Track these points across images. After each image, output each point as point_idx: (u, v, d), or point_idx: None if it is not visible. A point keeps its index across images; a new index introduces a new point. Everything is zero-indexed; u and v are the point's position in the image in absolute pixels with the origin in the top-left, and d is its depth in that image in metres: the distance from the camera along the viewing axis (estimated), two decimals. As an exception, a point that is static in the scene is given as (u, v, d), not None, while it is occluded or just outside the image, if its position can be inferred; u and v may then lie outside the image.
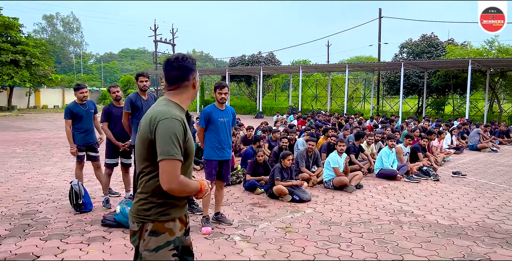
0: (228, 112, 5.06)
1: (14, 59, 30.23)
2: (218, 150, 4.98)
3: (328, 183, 7.34)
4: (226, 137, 5.02)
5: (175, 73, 2.22)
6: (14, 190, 6.77)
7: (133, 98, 5.52)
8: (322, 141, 10.09)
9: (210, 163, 5.01)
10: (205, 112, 4.99)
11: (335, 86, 35.76)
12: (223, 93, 4.92)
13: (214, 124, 4.95)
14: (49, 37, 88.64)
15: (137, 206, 2.13)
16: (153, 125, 2.05)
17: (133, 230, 2.16)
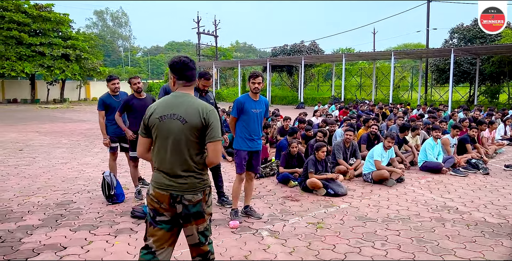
0: (261, 103, 4.89)
1: (65, 53, 31.58)
2: (248, 140, 4.84)
3: (367, 176, 7.00)
4: (257, 128, 4.86)
5: (192, 73, 2.70)
6: (54, 180, 6.96)
7: (167, 88, 5.47)
8: (362, 132, 9.68)
9: (239, 153, 4.87)
10: (238, 102, 4.83)
11: (380, 74, 34.57)
12: (257, 83, 4.75)
13: (246, 115, 4.80)
14: (100, 31, 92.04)
15: (193, 181, 2.59)
16: (205, 114, 2.54)
17: (196, 200, 2.59)
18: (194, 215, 2.60)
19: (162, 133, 2.57)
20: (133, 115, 5.74)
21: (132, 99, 5.72)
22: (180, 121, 2.54)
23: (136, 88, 5.73)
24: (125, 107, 5.70)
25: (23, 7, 31.09)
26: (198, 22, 43.80)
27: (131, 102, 5.69)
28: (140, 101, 5.69)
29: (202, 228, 2.67)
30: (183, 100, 2.60)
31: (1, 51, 28.77)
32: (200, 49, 47.35)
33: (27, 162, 8.58)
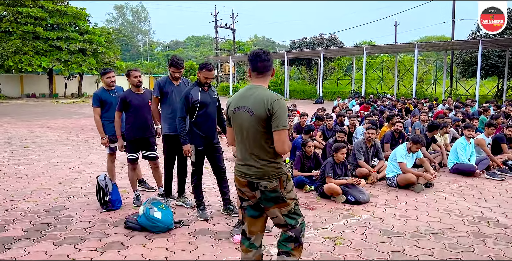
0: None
1: (82, 48, 31.45)
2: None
3: (391, 180, 6.29)
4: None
5: (264, 64, 2.74)
6: (51, 182, 6.48)
7: (162, 83, 4.89)
8: (385, 129, 8.95)
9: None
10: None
11: (403, 68, 33.39)
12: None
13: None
14: (120, 26, 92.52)
15: (266, 169, 2.69)
16: (270, 105, 2.59)
17: (272, 187, 2.69)
18: (273, 200, 2.72)
19: (236, 124, 2.77)
20: (132, 114, 5.15)
21: (129, 95, 5.15)
22: (249, 113, 2.67)
23: (137, 82, 5.15)
24: (123, 105, 5.14)
25: (40, 1, 31.04)
26: (216, 15, 43.25)
27: (128, 99, 5.12)
28: (139, 97, 5.12)
29: (285, 211, 2.77)
30: (253, 92, 2.72)
31: (18, 45, 28.80)
32: (218, 43, 46.81)
33: (28, 161, 8.15)
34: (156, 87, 4.90)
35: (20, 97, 33.94)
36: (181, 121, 4.55)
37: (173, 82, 4.95)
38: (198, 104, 4.52)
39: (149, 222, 4.27)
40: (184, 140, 4.56)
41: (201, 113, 4.55)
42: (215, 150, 4.72)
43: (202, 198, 4.83)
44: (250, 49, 52.96)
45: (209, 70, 4.53)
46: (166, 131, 4.91)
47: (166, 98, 4.90)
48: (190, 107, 4.53)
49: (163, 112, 4.98)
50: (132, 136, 5.18)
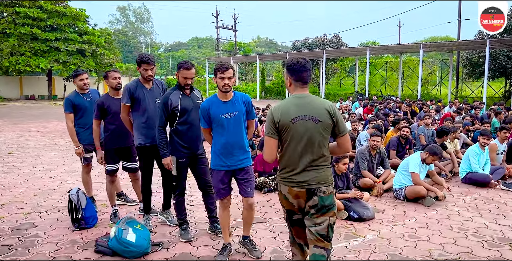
0: (236, 103, 3.67)
1: (80, 49, 31.00)
2: (225, 156, 3.65)
3: (398, 192, 5.71)
4: (236, 138, 3.65)
5: (309, 74, 2.79)
6: (26, 193, 5.95)
7: (132, 87, 4.31)
8: (390, 135, 8.36)
9: (214, 174, 3.72)
10: (203, 109, 3.68)
11: (407, 69, 32.75)
12: (227, 77, 3.54)
13: (216, 123, 3.64)
14: (122, 28, 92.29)
15: (325, 174, 2.77)
16: (333, 112, 2.71)
17: (329, 192, 2.77)
18: (328, 207, 2.75)
19: (297, 133, 2.71)
20: (111, 121, 4.60)
21: (106, 100, 4.59)
22: (313, 121, 2.69)
23: (116, 84, 4.59)
24: (100, 112, 4.58)
25: (38, 2, 30.62)
26: (217, 16, 42.76)
27: (106, 105, 4.56)
28: (118, 102, 4.54)
29: (332, 221, 2.79)
30: (309, 101, 2.74)
31: (14, 46, 28.36)
32: (219, 44, 46.30)
33: (8, 169, 7.62)
34: (125, 93, 4.27)
35: (19, 99, 33.54)
36: (160, 131, 3.99)
37: (145, 85, 4.36)
38: (178, 110, 3.97)
39: (121, 246, 3.72)
40: (164, 152, 4.01)
41: (182, 120, 4.00)
42: (200, 161, 4.17)
43: (185, 216, 4.27)
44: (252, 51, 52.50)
45: (188, 68, 3.97)
46: (141, 142, 4.33)
47: (139, 105, 4.31)
48: (170, 114, 3.98)
49: (136, 121, 4.37)
50: (112, 145, 4.63)
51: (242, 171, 3.70)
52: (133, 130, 4.40)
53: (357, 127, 8.34)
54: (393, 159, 7.40)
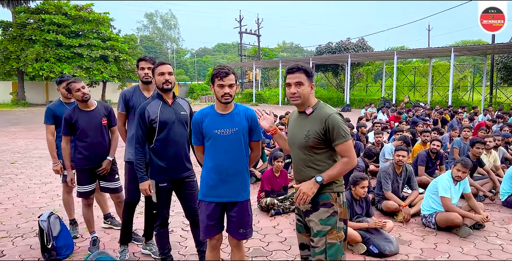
0: (236, 118, 2.93)
1: (103, 54, 31.08)
2: (215, 184, 2.91)
3: (428, 219, 4.87)
4: (231, 161, 2.91)
5: None
6: (10, 212, 5.42)
7: (128, 94, 3.72)
8: (419, 148, 7.49)
9: (202, 206, 2.98)
10: (194, 122, 2.97)
11: (437, 74, 31.32)
12: (227, 85, 2.83)
13: (209, 140, 2.92)
14: (150, 34, 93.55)
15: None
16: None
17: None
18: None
19: None
20: (80, 137, 3.96)
21: (74, 113, 3.96)
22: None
23: (81, 97, 3.95)
24: (68, 127, 3.97)
25: (63, 9, 30.94)
26: (240, 21, 42.37)
27: (73, 119, 3.94)
28: (87, 116, 3.93)
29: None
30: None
31: (39, 53, 28.65)
32: (243, 49, 45.87)
33: (3, 181, 7.16)
34: (120, 100, 3.72)
35: (44, 105, 33.87)
36: (138, 150, 3.33)
37: (144, 93, 3.75)
38: (157, 124, 3.30)
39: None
40: (141, 176, 3.35)
41: (162, 136, 3.32)
42: (187, 186, 3.47)
43: (168, 250, 3.59)
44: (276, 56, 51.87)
45: (163, 63, 3.37)
46: (130, 157, 3.69)
47: (133, 114, 3.69)
48: (149, 128, 3.32)
49: (129, 133, 3.79)
50: (83, 165, 4.00)
51: (235, 207, 2.94)
52: (126, 142, 3.80)
53: (380, 139, 7.49)
54: (422, 176, 6.54)
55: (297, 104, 2.69)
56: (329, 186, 2.62)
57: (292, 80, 2.62)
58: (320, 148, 2.61)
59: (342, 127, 2.54)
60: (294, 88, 2.62)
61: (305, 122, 2.66)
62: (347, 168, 2.59)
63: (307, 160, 2.66)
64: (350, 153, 2.55)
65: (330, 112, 2.57)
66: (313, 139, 2.59)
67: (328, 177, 2.56)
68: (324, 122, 2.55)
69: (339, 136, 2.53)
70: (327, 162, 2.62)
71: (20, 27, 29.98)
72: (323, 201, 2.62)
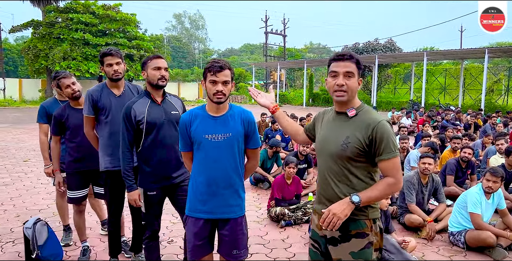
0: (230, 122, 2.53)
1: (129, 53, 31.27)
2: (203, 197, 2.51)
3: (456, 237, 4.33)
4: (223, 171, 2.50)
5: None
6: (8, 214, 5.19)
7: (95, 94, 3.33)
8: (447, 155, 6.90)
9: (189, 223, 2.58)
10: (182, 123, 2.56)
11: (469, 76, 30.05)
12: (220, 82, 2.42)
13: (198, 146, 2.51)
14: (178, 34, 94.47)
15: None
16: None
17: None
18: None
19: None
20: (70, 138, 3.67)
21: (64, 111, 3.66)
22: None
23: (71, 94, 3.64)
24: (58, 126, 3.67)
25: (91, 8, 31.34)
26: (266, 21, 41.98)
27: (63, 117, 3.64)
28: (78, 114, 3.61)
29: None
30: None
31: (66, 51, 29.06)
32: (268, 49, 45.48)
33: (12, 180, 7.01)
34: (86, 102, 3.30)
35: (71, 102, 34.48)
36: (126, 155, 2.96)
37: (113, 90, 3.37)
38: (144, 125, 2.94)
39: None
40: (130, 184, 2.99)
41: (150, 139, 2.96)
42: (180, 190, 3.08)
43: (158, 266, 3.22)
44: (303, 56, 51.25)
45: (158, 57, 3.02)
46: (107, 166, 3.33)
47: (104, 116, 3.33)
48: (136, 130, 2.96)
49: (100, 137, 3.40)
50: (73, 168, 3.69)
51: (228, 224, 2.53)
52: (98, 150, 3.43)
53: (406, 145, 6.93)
54: (451, 186, 5.98)
55: (340, 102, 2.15)
56: (363, 212, 2.11)
57: (342, 69, 2.10)
58: (358, 160, 2.09)
59: (392, 139, 2.05)
60: (342, 79, 2.09)
61: (345, 126, 2.14)
62: (392, 191, 2.10)
63: (341, 174, 2.13)
64: (396, 172, 2.06)
65: (380, 118, 2.07)
66: (353, 148, 2.07)
67: (367, 199, 2.05)
68: (372, 130, 2.04)
69: (387, 150, 2.03)
70: (363, 178, 2.11)
71: (49, 26, 30.53)
72: (356, 230, 2.11)
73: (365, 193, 2.06)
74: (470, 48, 22.23)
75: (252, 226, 4.85)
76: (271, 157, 6.88)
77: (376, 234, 2.14)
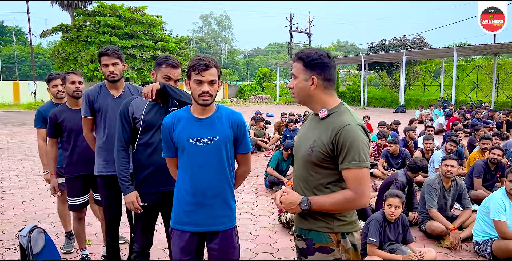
0: (217, 125, 2.31)
1: (155, 55, 31.60)
2: (189, 208, 2.29)
3: (482, 247, 3.97)
4: (211, 179, 2.28)
5: None
6: (17, 218, 5.15)
7: (92, 94, 3.17)
8: (476, 156, 6.46)
9: (175, 236, 2.36)
10: (164, 126, 2.35)
11: (503, 72, 28.79)
12: (206, 82, 2.20)
13: (182, 150, 2.30)
14: (205, 35, 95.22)
15: None
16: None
17: None
18: None
19: None
20: (67, 140, 3.54)
21: (61, 112, 3.54)
22: None
23: (73, 91, 3.51)
24: (54, 128, 3.54)
25: (118, 11, 31.84)
26: (291, 20, 41.60)
27: (59, 118, 3.51)
28: (76, 115, 3.47)
29: None
30: None
31: (94, 54, 29.61)
32: (293, 48, 45.05)
33: (28, 182, 7.03)
34: (84, 102, 3.17)
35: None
36: (121, 154, 2.77)
37: (111, 91, 3.20)
38: (141, 124, 2.75)
39: None
40: (125, 186, 2.77)
41: (145, 141, 2.76)
42: None
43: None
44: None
45: (173, 66, 2.80)
46: (101, 170, 3.17)
47: (99, 117, 3.18)
48: (133, 129, 2.78)
49: (97, 140, 3.25)
50: (71, 173, 3.55)
51: (217, 237, 2.31)
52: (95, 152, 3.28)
53: (430, 146, 6.52)
54: (478, 189, 5.57)
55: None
56: (327, 223, 1.89)
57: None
58: (325, 166, 1.87)
59: (358, 147, 1.79)
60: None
61: (316, 128, 1.95)
62: (349, 206, 1.84)
63: (308, 180, 1.93)
64: (358, 186, 1.79)
65: (348, 122, 1.83)
66: (317, 153, 1.86)
67: (317, 206, 1.84)
68: (336, 134, 1.81)
69: (348, 158, 1.78)
70: (332, 188, 1.89)
71: (77, 29, 31.21)
72: (319, 243, 1.90)
73: (318, 199, 1.85)
74: (504, 42, 21.18)
75: (262, 233, 4.62)
76: (286, 159, 6.62)
77: (347, 251, 1.89)
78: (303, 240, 1.96)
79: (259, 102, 35.50)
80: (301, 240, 1.97)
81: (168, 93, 2.73)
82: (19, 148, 11.04)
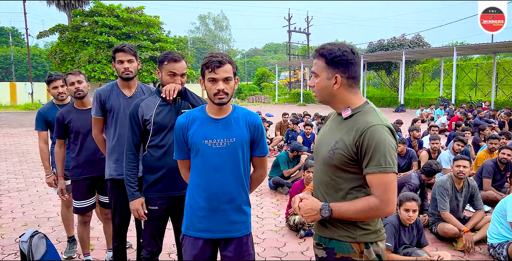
0: (234, 126, 2.19)
1: (153, 56, 31.44)
2: (203, 213, 2.17)
3: (497, 250, 3.85)
4: (228, 183, 2.16)
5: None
6: (16, 222, 5.02)
7: (104, 94, 3.05)
8: (483, 156, 6.36)
9: (187, 243, 2.23)
10: (178, 128, 2.22)
11: (502, 71, 28.76)
12: (221, 79, 2.08)
13: (195, 153, 2.18)
14: (202, 36, 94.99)
15: None
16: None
17: None
18: None
19: None
20: (74, 142, 3.42)
21: (68, 113, 3.42)
22: None
23: (74, 92, 3.39)
24: (62, 129, 3.42)
25: (116, 11, 31.66)
26: (289, 19, 41.52)
27: (66, 119, 3.39)
28: (83, 116, 3.37)
29: None
30: None
31: (91, 54, 29.45)
32: (292, 48, 44.97)
33: (26, 185, 6.88)
34: (94, 101, 3.04)
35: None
36: (130, 158, 2.65)
37: (123, 91, 3.08)
38: (151, 125, 2.62)
39: None
40: (131, 191, 2.64)
41: (155, 143, 2.64)
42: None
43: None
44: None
45: (175, 60, 2.63)
46: (112, 173, 3.05)
47: (111, 118, 3.06)
48: (143, 131, 2.66)
49: (107, 142, 3.13)
50: (77, 175, 3.43)
51: (231, 244, 2.19)
52: (106, 155, 3.16)
53: (437, 146, 6.42)
54: (488, 190, 5.46)
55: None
56: (349, 232, 1.75)
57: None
58: (348, 170, 1.73)
59: (384, 150, 1.64)
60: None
61: (338, 129, 1.80)
62: (373, 215, 1.71)
63: (329, 185, 1.79)
64: (383, 193, 1.64)
65: (373, 122, 1.68)
66: (339, 155, 1.71)
67: (338, 213, 1.71)
68: (360, 135, 1.67)
69: (373, 162, 1.64)
70: (356, 194, 1.74)
71: (75, 30, 31.02)
72: (341, 253, 1.76)
73: (340, 206, 1.71)
74: (503, 41, 21.11)
75: (269, 236, 4.50)
76: (292, 160, 6.51)
77: None
78: (323, 249, 1.84)
79: (258, 103, 35.35)
80: (321, 249, 1.85)
81: (187, 97, 2.62)
82: (17, 149, 10.88)
